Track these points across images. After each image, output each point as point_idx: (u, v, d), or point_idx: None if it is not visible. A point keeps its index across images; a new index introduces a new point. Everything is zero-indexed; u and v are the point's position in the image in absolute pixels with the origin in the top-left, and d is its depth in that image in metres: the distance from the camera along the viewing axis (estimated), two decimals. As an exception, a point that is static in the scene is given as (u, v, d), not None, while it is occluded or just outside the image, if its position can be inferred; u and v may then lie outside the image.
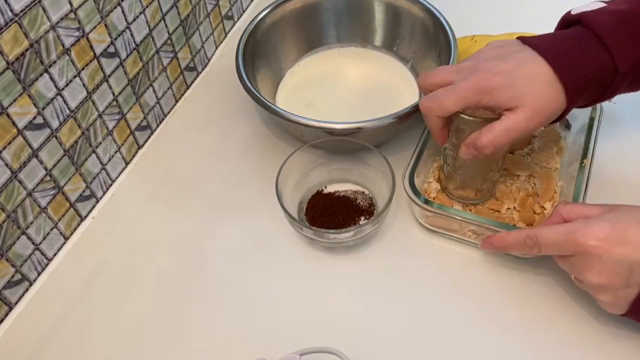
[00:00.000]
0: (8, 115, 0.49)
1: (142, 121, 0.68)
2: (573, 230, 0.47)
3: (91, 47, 0.56)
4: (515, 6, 0.83)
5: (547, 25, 0.70)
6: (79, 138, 0.58)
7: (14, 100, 0.50)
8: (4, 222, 0.52)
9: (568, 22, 0.53)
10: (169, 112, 0.73)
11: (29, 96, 0.51)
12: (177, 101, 0.74)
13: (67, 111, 0.56)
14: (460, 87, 0.50)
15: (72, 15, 0.53)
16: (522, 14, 0.80)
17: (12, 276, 0.55)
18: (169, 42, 0.68)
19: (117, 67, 0.61)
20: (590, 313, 0.53)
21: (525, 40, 0.52)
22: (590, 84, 0.49)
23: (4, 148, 0.50)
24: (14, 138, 0.51)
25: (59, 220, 0.59)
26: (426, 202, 0.56)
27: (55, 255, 0.60)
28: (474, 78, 0.49)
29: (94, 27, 0.56)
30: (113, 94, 0.62)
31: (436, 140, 0.55)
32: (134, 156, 0.69)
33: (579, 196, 0.54)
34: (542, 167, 0.61)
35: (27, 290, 0.58)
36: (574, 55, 0.49)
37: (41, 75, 0.52)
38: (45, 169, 0.55)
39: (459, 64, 0.53)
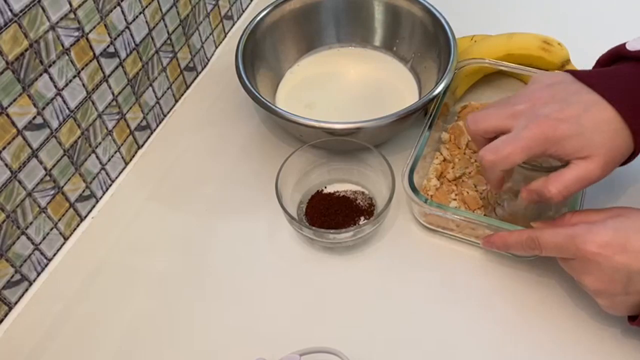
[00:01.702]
0: (8, 115, 0.49)
1: (141, 121, 0.68)
2: (574, 235, 0.46)
3: (91, 47, 0.56)
4: (515, 6, 0.82)
5: (547, 25, 0.70)
6: (78, 138, 0.58)
7: (14, 100, 0.50)
8: (3, 222, 0.52)
9: (621, 56, 0.50)
10: (168, 112, 0.73)
11: (29, 96, 0.51)
12: (176, 101, 0.74)
13: (67, 111, 0.56)
14: (523, 137, 0.46)
15: (72, 15, 0.53)
16: (522, 14, 0.80)
17: (12, 276, 0.55)
18: (168, 42, 0.68)
19: (117, 67, 0.61)
20: (590, 314, 0.53)
21: (579, 76, 0.49)
22: None
23: (4, 148, 0.50)
24: (13, 138, 0.51)
25: (59, 221, 0.59)
26: (425, 200, 0.56)
27: (55, 255, 0.60)
28: (537, 127, 0.46)
29: (94, 27, 0.56)
30: (113, 94, 0.62)
31: (493, 188, 0.52)
32: (133, 156, 0.69)
33: (577, 195, 0.54)
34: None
35: (26, 290, 0.58)
36: None
37: (41, 75, 0.52)
38: (45, 169, 0.55)
39: (510, 106, 0.49)
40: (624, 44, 0.50)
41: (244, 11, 0.86)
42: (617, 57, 0.51)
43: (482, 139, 0.51)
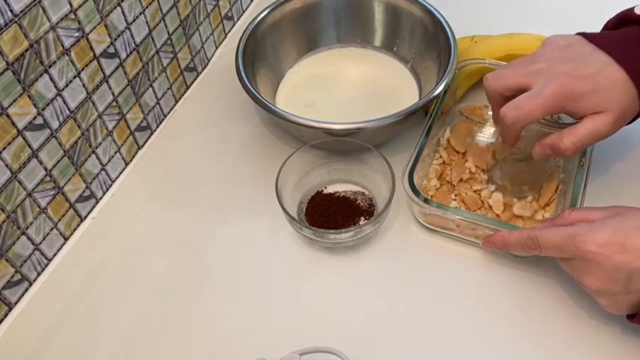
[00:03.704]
0: (8, 116, 0.49)
1: (142, 121, 0.68)
2: (574, 234, 0.46)
3: (91, 47, 0.56)
4: (515, 6, 0.83)
5: (546, 25, 0.70)
6: (78, 138, 0.58)
7: (14, 100, 0.50)
8: (3, 222, 0.52)
9: (629, 20, 0.53)
10: (168, 113, 0.73)
11: (29, 96, 0.51)
12: (177, 101, 0.74)
13: (67, 112, 0.56)
14: (544, 94, 0.49)
15: (72, 16, 0.53)
16: (522, 14, 0.80)
17: (12, 276, 0.55)
18: (168, 42, 0.68)
19: (117, 67, 0.61)
20: (590, 314, 0.53)
21: (590, 38, 0.51)
22: None
23: (4, 148, 0.50)
24: (13, 138, 0.51)
25: (59, 221, 0.59)
26: (425, 200, 0.56)
27: (55, 255, 0.60)
28: (556, 84, 0.49)
29: (94, 28, 0.56)
30: (113, 94, 0.62)
31: (508, 144, 0.55)
32: (133, 156, 0.69)
33: (577, 194, 0.54)
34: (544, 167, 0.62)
35: (26, 290, 0.58)
36: None
37: (41, 75, 0.52)
38: (45, 169, 0.55)
39: (530, 64, 0.52)
40: (632, 8, 0.53)
41: (244, 11, 0.86)
42: (624, 20, 0.53)
43: (500, 97, 0.53)
